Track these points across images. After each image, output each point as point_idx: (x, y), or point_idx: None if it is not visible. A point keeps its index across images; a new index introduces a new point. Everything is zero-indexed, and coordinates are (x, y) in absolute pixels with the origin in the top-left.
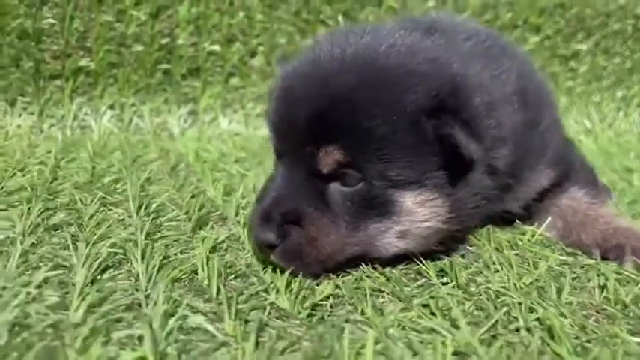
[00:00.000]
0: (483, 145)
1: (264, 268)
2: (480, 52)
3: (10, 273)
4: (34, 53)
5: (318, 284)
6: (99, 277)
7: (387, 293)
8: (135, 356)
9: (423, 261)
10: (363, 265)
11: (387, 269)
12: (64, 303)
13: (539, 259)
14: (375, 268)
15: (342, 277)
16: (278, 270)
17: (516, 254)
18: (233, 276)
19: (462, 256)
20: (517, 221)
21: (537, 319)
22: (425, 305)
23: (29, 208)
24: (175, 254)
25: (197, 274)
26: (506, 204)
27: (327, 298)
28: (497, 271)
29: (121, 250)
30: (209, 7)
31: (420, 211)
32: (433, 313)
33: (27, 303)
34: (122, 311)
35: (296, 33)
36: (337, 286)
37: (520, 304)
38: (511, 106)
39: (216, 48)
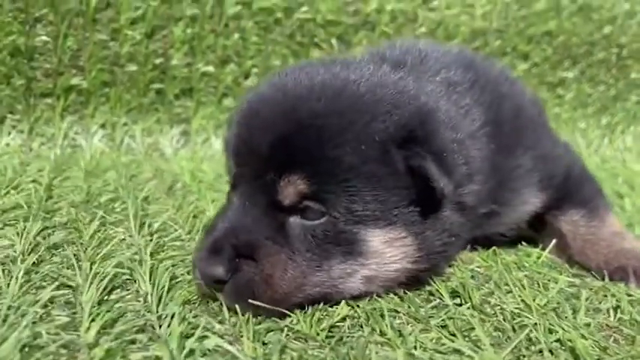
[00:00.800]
0: (453, 180)
1: None
2: (447, 87)
3: (14, 292)
4: (26, 71)
5: (332, 305)
6: (106, 297)
7: (404, 314)
8: None
9: (436, 281)
10: None
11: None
12: (73, 323)
13: (549, 280)
14: None
15: (358, 298)
16: None
17: (525, 275)
18: None
19: (472, 277)
20: (522, 242)
21: (558, 340)
22: (443, 326)
23: (25, 227)
24: (182, 275)
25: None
26: (492, 227)
27: (343, 319)
28: (510, 291)
29: (127, 271)
30: (204, 28)
31: (388, 251)
32: (453, 334)
33: (35, 323)
34: (135, 332)
35: (290, 55)
36: (352, 307)
37: (538, 324)
38: (479, 141)
39: (210, 69)
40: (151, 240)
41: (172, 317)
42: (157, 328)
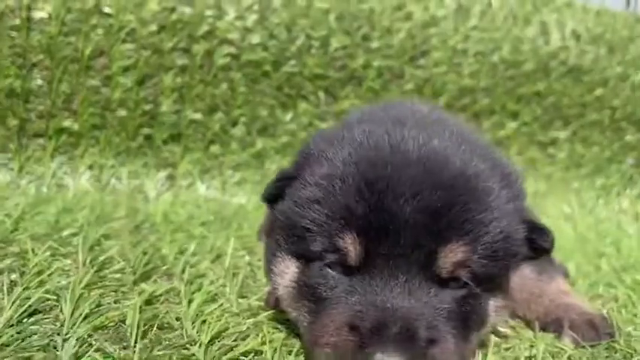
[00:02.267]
0: None
1: (193, 323)
2: None
3: None
4: (21, 112)
5: (244, 339)
6: (25, 320)
7: None
8: None
9: None
10: None
11: None
12: None
13: None
14: None
15: (273, 333)
16: (207, 325)
17: None
18: (160, 328)
19: None
20: None
21: None
22: None
23: None
24: (109, 303)
25: (125, 323)
26: None
27: (248, 353)
28: None
29: (54, 297)
30: (194, 77)
31: (494, 320)
32: None
33: None
34: (35, 351)
35: (278, 106)
36: (264, 343)
37: None
38: None
39: (199, 116)
40: (92, 271)
41: (77, 340)
42: (59, 350)
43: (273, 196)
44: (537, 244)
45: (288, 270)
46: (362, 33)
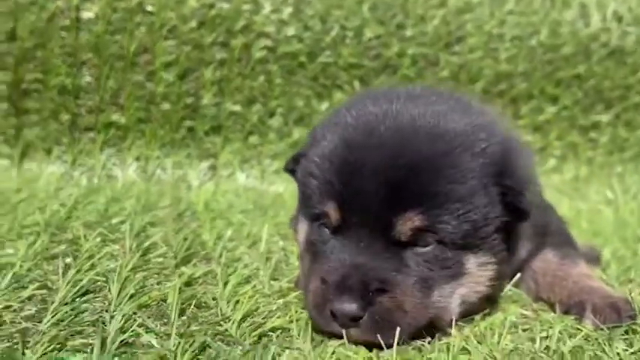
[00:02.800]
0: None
1: (227, 303)
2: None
3: None
4: (72, 108)
5: (273, 317)
6: (77, 299)
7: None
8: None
9: None
10: None
11: None
12: (38, 316)
13: (500, 311)
14: None
15: (300, 313)
16: (240, 304)
17: None
18: (197, 307)
19: None
20: None
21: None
22: None
23: (35, 240)
24: (152, 285)
25: (166, 302)
26: None
27: (276, 329)
28: None
29: (103, 279)
30: (232, 70)
31: (479, 274)
32: None
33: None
34: (86, 326)
35: (313, 97)
36: (291, 321)
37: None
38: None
39: (238, 108)
40: (137, 255)
41: (123, 316)
42: (107, 325)
43: (290, 169)
44: (512, 205)
45: (303, 230)
46: (396, 22)
